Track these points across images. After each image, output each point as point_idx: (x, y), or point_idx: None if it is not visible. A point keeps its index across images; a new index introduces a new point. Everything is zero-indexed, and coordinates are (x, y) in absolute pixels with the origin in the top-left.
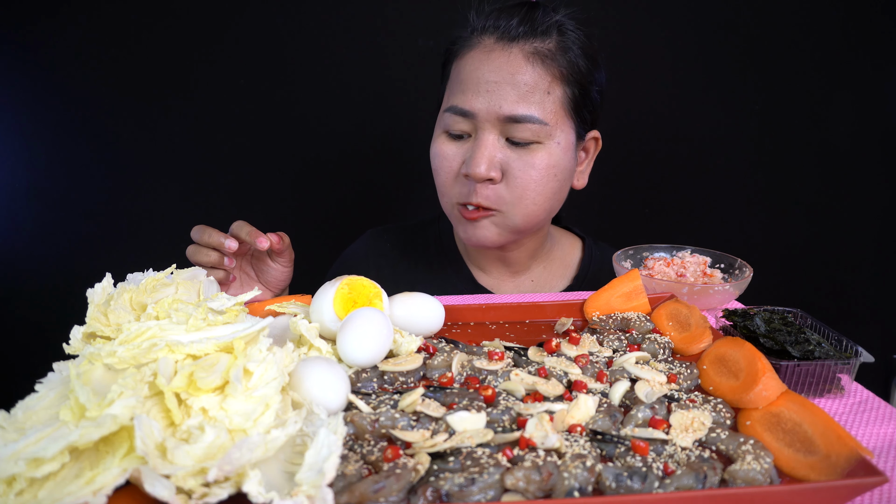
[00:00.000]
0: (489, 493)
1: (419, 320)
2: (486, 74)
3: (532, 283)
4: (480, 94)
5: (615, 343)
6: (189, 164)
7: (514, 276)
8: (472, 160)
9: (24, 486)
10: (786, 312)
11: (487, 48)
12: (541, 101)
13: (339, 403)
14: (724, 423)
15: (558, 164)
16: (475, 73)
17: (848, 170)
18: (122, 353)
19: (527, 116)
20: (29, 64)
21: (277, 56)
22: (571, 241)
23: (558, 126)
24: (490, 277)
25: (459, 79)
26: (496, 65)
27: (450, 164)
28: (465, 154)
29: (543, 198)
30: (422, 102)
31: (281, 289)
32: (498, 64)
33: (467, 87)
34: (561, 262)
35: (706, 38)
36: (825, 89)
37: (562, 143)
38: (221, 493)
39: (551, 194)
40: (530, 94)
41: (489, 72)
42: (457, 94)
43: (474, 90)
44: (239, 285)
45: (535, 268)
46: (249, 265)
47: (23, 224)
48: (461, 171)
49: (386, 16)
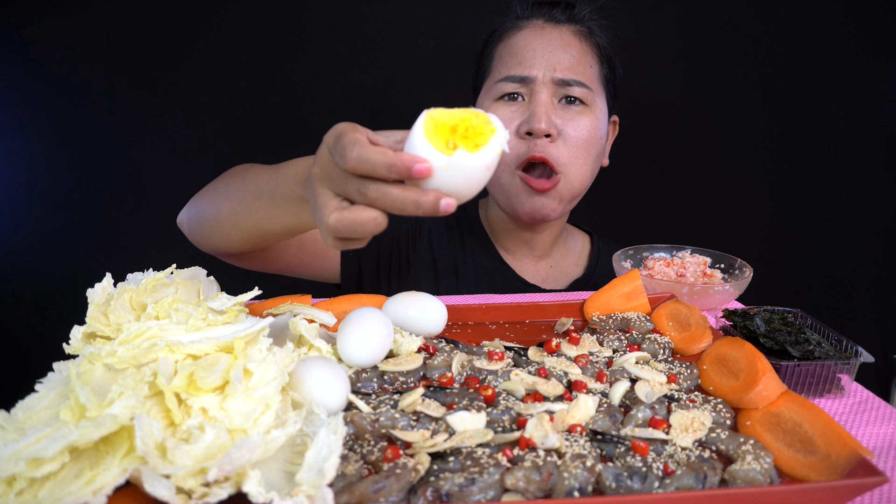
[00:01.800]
0: (489, 493)
1: (420, 320)
2: (541, 44)
3: (551, 269)
4: (537, 60)
5: (615, 343)
6: (189, 163)
7: (537, 260)
8: (534, 116)
9: (24, 485)
10: (786, 312)
11: (539, 27)
12: (585, 71)
13: (339, 403)
14: (724, 423)
15: (600, 129)
16: (531, 44)
17: (848, 170)
18: (122, 353)
19: (577, 80)
20: (29, 63)
21: (278, 56)
22: (582, 235)
23: (599, 95)
24: (515, 259)
25: (513, 52)
26: (549, 38)
27: (508, 127)
28: (521, 116)
29: (592, 158)
30: (422, 102)
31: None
32: (551, 37)
33: (524, 57)
34: (575, 252)
35: (706, 38)
36: (826, 89)
37: (601, 111)
38: (221, 493)
39: (595, 158)
40: (578, 64)
41: (544, 43)
42: (511, 65)
43: (531, 58)
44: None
45: (555, 253)
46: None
47: (23, 224)
48: (520, 130)
49: (386, 16)
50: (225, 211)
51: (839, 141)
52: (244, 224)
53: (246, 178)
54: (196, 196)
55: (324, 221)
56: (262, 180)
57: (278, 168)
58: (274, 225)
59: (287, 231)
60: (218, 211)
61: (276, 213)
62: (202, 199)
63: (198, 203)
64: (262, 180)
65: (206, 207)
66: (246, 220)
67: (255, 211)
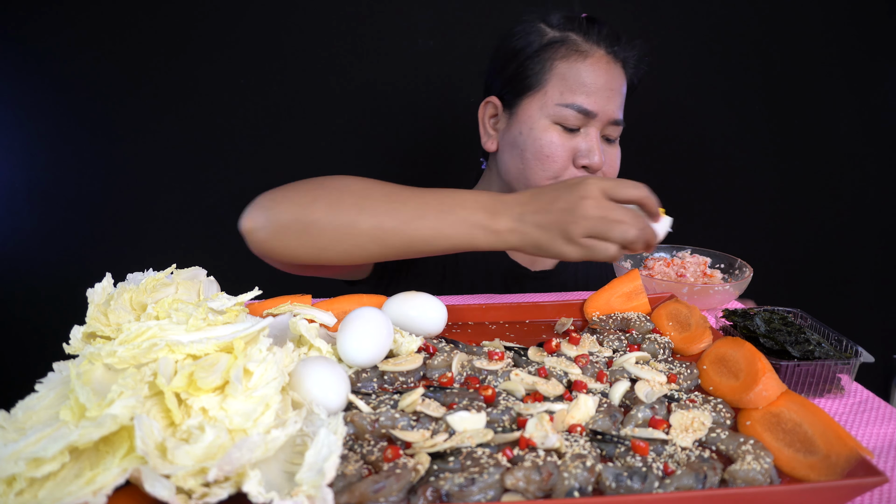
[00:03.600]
0: (489, 493)
1: (420, 320)
2: (605, 82)
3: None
4: (601, 98)
5: (615, 343)
6: (190, 163)
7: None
8: (594, 153)
9: (24, 485)
10: (786, 312)
11: (602, 59)
12: (622, 109)
13: (339, 403)
14: (724, 423)
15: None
16: (598, 80)
17: (848, 170)
18: (122, 353)
19: (621, 122)
20: (29, 63)
21: (278, 56)
22: None
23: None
24: (524, 255)
25: (580, 81)
26: (611, 76)
27: (564, 154)
28: (574, 146)
29: None
30: (422, 102)
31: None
32: (612, 76)
33: (592, 91)
34: None
35: (706, 39)
36: (826, 89)
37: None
38: (221, 493)
39: None
40: (622, 104)
41: (607, 80)
42: (578, 94)
43: (598, 94)
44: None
45: None
46: None
47: (23, 224)
48: (576, 161)
49: (386, 16)
50: (366, 225)
51: (839, 141)
52: (393, 240)
53: (391, 196)
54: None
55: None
56: (423, 202)
57: (441, 192)
58: (440, 243)
59: (451, 248)
60: (353, 224)
61: (446, 232)
62: (304, 208)
63: (294, 211)
64: (424, 202)
65: (325, 217)
66: (399, 237)
67: (417, 230)
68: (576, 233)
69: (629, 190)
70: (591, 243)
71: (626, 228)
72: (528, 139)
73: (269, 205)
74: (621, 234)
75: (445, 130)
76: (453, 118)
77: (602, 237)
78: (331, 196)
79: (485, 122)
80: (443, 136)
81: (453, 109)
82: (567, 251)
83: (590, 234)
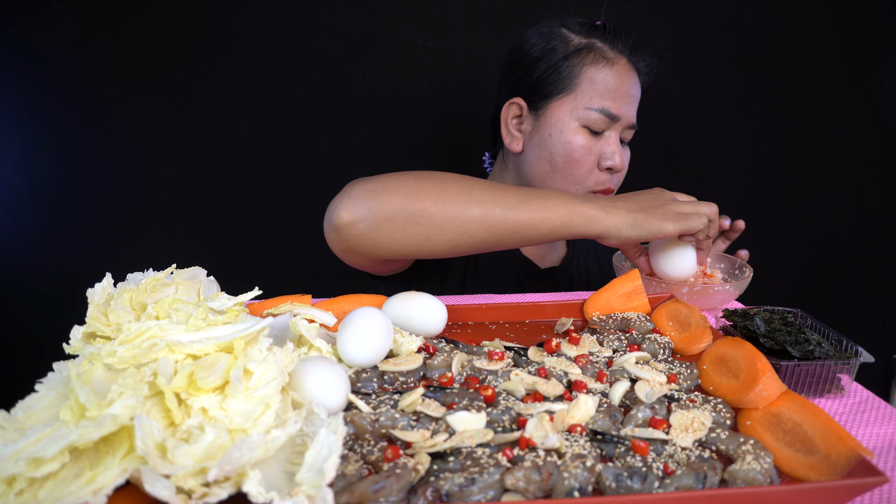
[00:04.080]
0: (489, 493)
1: (420, 320)
2: (628, 88)
3: (547, 247)
4: (625, 103)
5: (615, 343)
6: (190, 163)
7: (552, 251)
8: (619, 155)
9: (24, 486)
10: (786, 312)
11: (626, 67)
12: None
13: (339, 403)
14: (724, 423)
15: None
16: (623, 86)
17: (849, 170)
18: (122, 353)
19: (636, 126)
20: (29, 62)
21: (278, 56)
22: None
23: None
24: (535, 252)
25: (609, 87)
26: (632, 83)
27: (589, 157)
28: (599, 150)
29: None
30: (422, 102)
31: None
32: (633, 82)
33: (617, 96)
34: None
35: (705, 39)
36: (825, 89)
37: None
38: (221, 493)
39: None
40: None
41: (630, 87)
42: (606, 99)
43: (622, 99)
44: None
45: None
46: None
47: (23, 224)
48: (601, 164)
49: (386, 16)
50: (475, 213)
51: (840, 141)
52: (501, 226)
53: (492, 185)
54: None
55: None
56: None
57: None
58: (542, 228)
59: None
60: (462, 211)
61: (549, 215)
62: (410, 197)
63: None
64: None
65: (433, 206)
66: (507, 223)
67: (524, 214)
68: (668, 212)
69: (703, 206)
70: (686, 211)
71: (712, 207)
72: (558, 142)
73: (369, 196)
74: (708, 210)
75: (447, 129)
76: (453, 117)
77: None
78: (435, 186)
79: (508, 123)
80: (443, 136)
81: (453, 109)
82: (666, 226)
83: (682, 211)
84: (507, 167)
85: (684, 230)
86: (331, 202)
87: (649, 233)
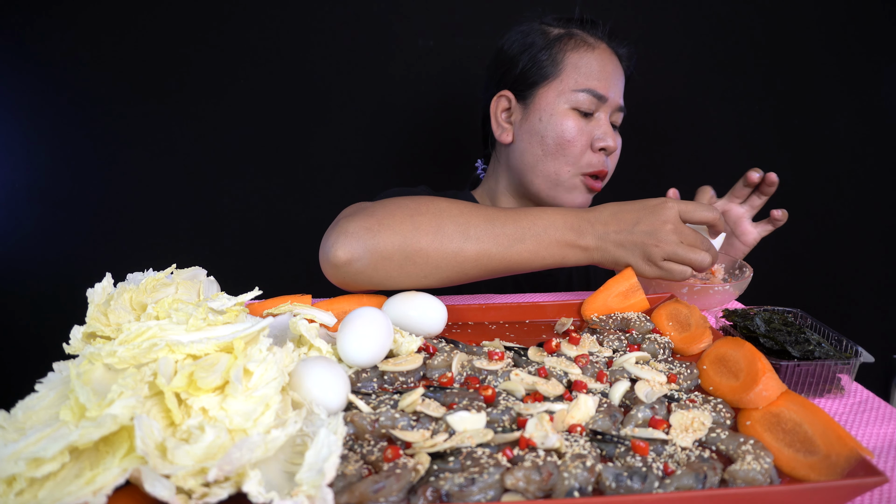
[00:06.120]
0: (489, 493)
1: (420, 320)
2: (612, 70)
3: None
4: (611, 85)
5: (615, 343)
6: (190, 163)
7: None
8: (611, 136)
9: (24, 486)
10: (786, 312)
11: (607, 51)
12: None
13: (339, 403)
14: (724, 423)
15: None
16: (606, 68)
17: (848, 170)
18: (122, 353)
19: (624, 108)
20: (29, 62)
21: (278, 56)
22: None
23: None
24: None
25: (592, 69)
26: (615, 66)
27: (581, 138)
28: (590, 131)
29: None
30: (421, 102)
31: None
32: (616, 66)
33: (602, 77)
34: None
35: (705, 38)
36: (826, 89)
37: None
38: (221, 493)
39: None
40: (623, 93)
41: (613, 69)
42: (591, 80)
43: (607, 81)
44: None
45: None
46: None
47: (23, 224)
48: (594, 144)
49: (386, 16)
50: (471, 252)
51: (840, 141)
52: (496, 265)
53: (490, 220)
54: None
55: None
56: (519, 225)
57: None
58: (535, 264)
59: (543, 267)
60: (459, 251)
61: (542, 254)
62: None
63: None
64: (520, 225)
65: (430, 245)
66: (501, 261)
67: (518, 253)
68: (656, 255)
69: (703, 213)
70: (668, 266)
71: (703, 256)
72: (549, 125)
73: (366, 234)
74: (700, 260)
75: (447, 129)
76: (453, 117)
77: (679, 261)
78: (431, 223)
79: (497, 116)
80: (443, 136)
81: (453, 108)
82: (646, 270)
83: (668, 257)
84: (500, 163)
85: (661, 278)
86: (325, 236)
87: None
